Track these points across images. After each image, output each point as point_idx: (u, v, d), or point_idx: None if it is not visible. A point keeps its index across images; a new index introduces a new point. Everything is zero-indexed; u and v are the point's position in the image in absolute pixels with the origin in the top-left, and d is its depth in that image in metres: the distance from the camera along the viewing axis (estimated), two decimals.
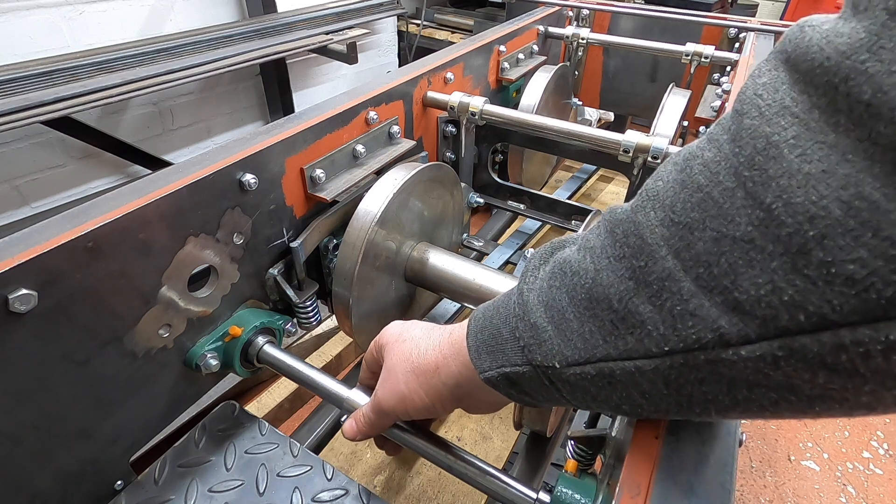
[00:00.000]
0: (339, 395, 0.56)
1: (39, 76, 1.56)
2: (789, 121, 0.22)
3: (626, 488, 0.35)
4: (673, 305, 0.25)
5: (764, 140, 0.23)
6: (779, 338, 0.22)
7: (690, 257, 0.24)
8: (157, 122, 2.16)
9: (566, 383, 0.31)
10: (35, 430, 0.48)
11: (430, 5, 3.24)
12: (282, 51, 2.05)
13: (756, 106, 0.24)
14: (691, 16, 1.34)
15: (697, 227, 0.24)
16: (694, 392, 0.26)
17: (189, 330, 0.60)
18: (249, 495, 0.56)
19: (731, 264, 0.23)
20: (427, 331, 0.44)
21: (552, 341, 0.30)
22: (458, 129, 0.96)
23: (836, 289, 0.20)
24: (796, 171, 0.21)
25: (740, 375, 0.24)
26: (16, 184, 1.84)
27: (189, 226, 0.56)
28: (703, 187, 0.25)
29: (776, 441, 1.75)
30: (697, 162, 0.26)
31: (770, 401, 0.24)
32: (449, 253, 0.77)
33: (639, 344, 0.27)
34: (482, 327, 0.37)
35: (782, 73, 0.24)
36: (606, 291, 0.28)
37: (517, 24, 1.24)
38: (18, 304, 0.42)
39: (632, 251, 0.27)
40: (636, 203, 0.28)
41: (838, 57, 0.21)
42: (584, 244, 0.31)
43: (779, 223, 0.21)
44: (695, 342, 0.24)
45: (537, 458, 0.70)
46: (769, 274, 0.22)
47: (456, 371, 0.39)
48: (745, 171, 0.23)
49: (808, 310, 0.21)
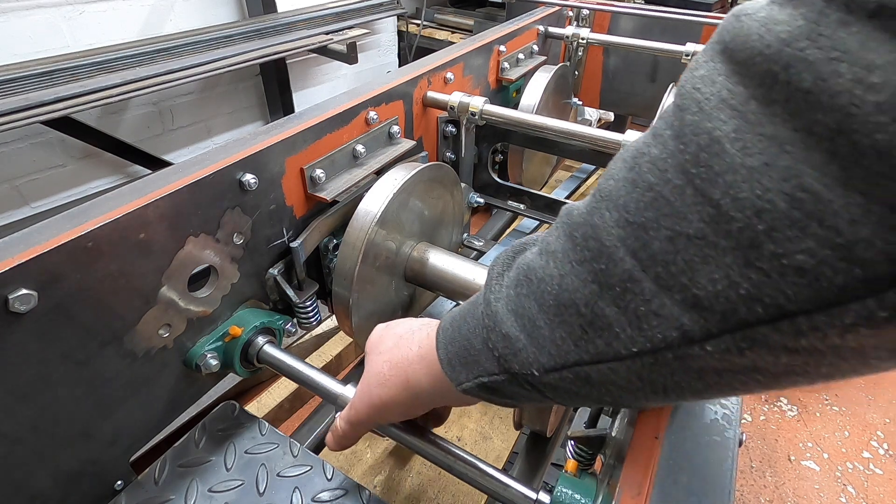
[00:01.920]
0: (333, 393, 0.56)
1: (39, 76, 1.56)
2: (728, 114, 0.22)
3: (626, 488, 0.35)
4: (637, 306, 0.25)
5: (706, 136, 0.22)
6: (740, 330, 0.22)
7: (648, 257, 0.24)
8: (157, 122, 2.16)
9: (547, 386, 0.31)
10: (35, 430, 0.48)
11: (430, 5, 3.24)
12: (282, 51, 2.05)
13: (695, 100, 0.24)
14: (691, 16, 1.34)
15: (652, 226, 0.24)
16: (667, 382, 0.27)
17: (189, 330, 0.60)
18: (249, 495, 0.56)
19: (688, 262, 0.23)
20: (396, 342, 0.44)
21: (527, 350, 0.30)
22: (458, 129, 0.96)
23: (788, 279, 0.20)
24: (739, 166, 0.21)
25: (708, 365, 0.25)
26: (16, 184, 1.84)
27: (189, 226, 0.56)
28: (653, 186, 0.25)
29: (776, 441, 1.75)
30: (645, 160, 0.26)
31: (739, 381, 0.25)
32: (449, 253, 0.77)
33: (608, 347, 0.27)
34: (451, 339, 0.36)
35: (719, 65, 0.24)
36: (573, 296, 0.28)
37: (517, 24, 1.24)
38: (18, 304, 0.42)
39: (592, 254, 0.27)
40: (591, 205, 0.28)
41: (779, 45, 0.20)
42: (545, 248, 0.31)
43: (728, 219, 0.22)
44: (661, 341, 0.25)
45: (537, 458, 0.70)
46: (724, 269, 0.22)
47: (427, 384, 0.39)
48: (692, 168, 0.23)
49: (765, 301, 0.21)
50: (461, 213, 0.90)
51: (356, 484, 0.57)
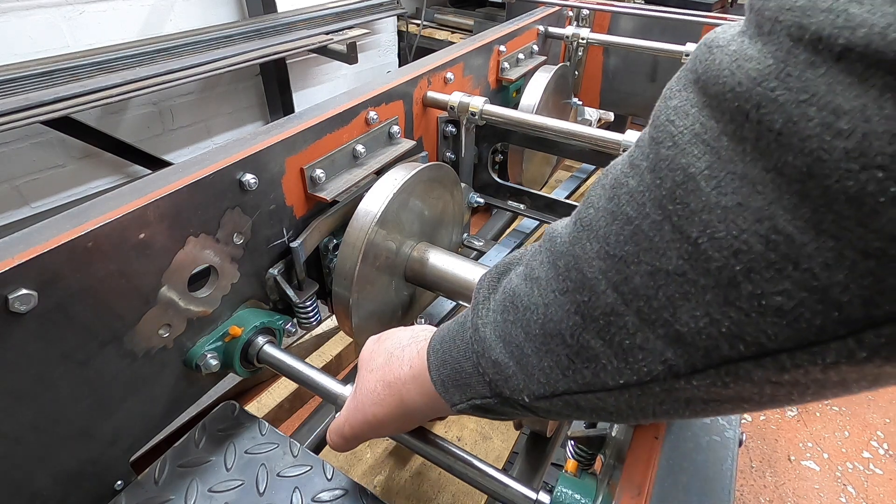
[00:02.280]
0: (333, 393, 0.56)
1: (39, 76, 1.56)
2: (701, 149, 0.22)
3: (626, 488, 0.35)
4: (621, 339, 0.25)
5: (682, 172, 0.22)
6: (724, 365, 0.22)
7: (629, 291, 0.24)
8: (157, 122, 2.16)
9: (539, 409, 0.31)
10: (35, 430, 0.48)
11: (430, 5, 3.24)
12: (282, 51, 2.05)
13: (669, 133, 0.23)
14: (691, 16, 1.34)
15: (633, 260, 0.24)
16: (656, 409, 0.27)
17: (189, 330, 0.60)
18: (249, 495, 0.56)
19: (669, 297, 0.23)
20: (388, 359, 0.44)
21: (517, 377, 0.31)
22: (458, 129, 0.96)
23: (768, 319, 0.20)
24: (714, 205, 0.21)
25: (695, 396, 0.25)
26: (16, 184, 1.84)
27: (189, 226, 0.56)
28: (632, 219, 0.24)
29: (776, 441, 1.75)
30: (624, 191, 0.25)
31: (726, 409, 0.26)
32: (449, 253, 0.77)
33: (595, 378, 0.27)
34: (443, 361, 0.37)
35: (692, 95, 0.23)
36: (558, 327, 0.28)
37: (517, 24, 1.24)
38: (18, 304, 0.42)
39: (574, 285, 0.27)
40: (574, 233, 0.28)
41: (749, 83, 0.20)
42: (530, 274, 0.31)
43: (707, 257, 0.22)
44: (647, 374, 0.25)
45: (537, 458, 0.70)
46: (704, 307, 0.22)
47: (422, 403, 0.40)
48: (669, 205, 0.23)
49: (747, 340, 0.21)
50: (461, 213, 0.90)
51: (356, 484, 0.57)
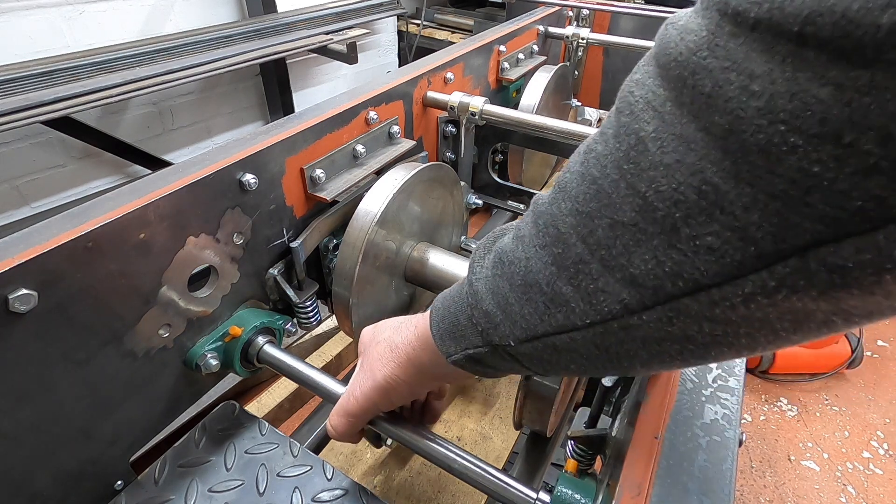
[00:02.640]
0: (334, 393, 0.56)
1: (39, 76, 1.56)
2: (651, 115, 0.25)
3: (626, 488, 0.36)
4: (587, 284, 0.29)
5: (635, 136, 0.26)
6: (668, 302, 0.26)
7: (594, 242, 0.28)
8: (157, 122, 2.16)
9: (522, 355, 0.35)
10: (35, 430, 0.48)
11: (430, 5, 3.24)
12: (282, 51, 2.05)
13: (629, 103, 0.27)
14: None
15: (596, 215, 0.28)
16: (619, 350, 0.30)
17: (189, 330, 0.60)
18: (249, 495, 0.56)
19: (625, 245, 0.27)
20: (396, 330, 0.48)
21: (503, 324, 0.35)
22: (458, 129, 0.96)
23: (701, 257, 0.24)
24: (658, 163, 0.25)
25: (648, 334, 0.28)
26: (16, 184, 1.84)
27: (189, 226, 0.56)
28: (596, 179, 0.28)
29: (776, 441, 1.75)
30: (592, 156, 0.29)
31: (676, 350, 0.29)
32: (449, 253, 0.77)
33: (567, 320, 0.31)
34: (442, 317, 0.41)
35: (650, 68, 0.26)
36: (536, 277, 0.32)
37: (517, 24, 1.24)
38: (18, 304, 0.42)
39: (551, 240, 0.31)
40: (553, 195, 0.32)
41: (688, 53, 0.23)
42: (517, 234, 0.35)
43: (653, 208, 0.25)
44: (608, 313, 0.29)
45: (537, 458, 0.70)
46: (652, 251, 0.26)
47: (427, 359, 0.43)
48: (624, 165, 0.26)
49: (685, 277, 0.25)
50: (461, 213, 0.91)
51: (356, 484, 0.57)
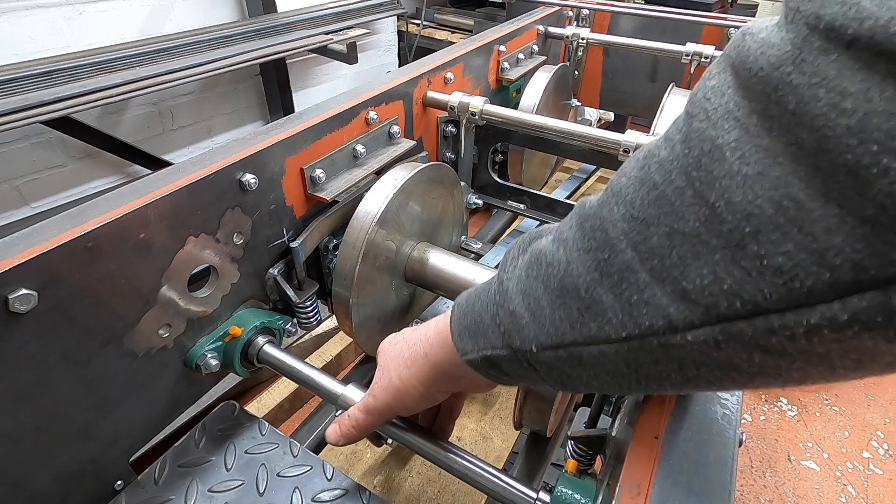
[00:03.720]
0: (334, 393, 0.56)
1: (39, 76, 1.56)
2: (732, 124, 0.24)
3: (626, 488, 0.35)
4: (630, 294, 0.27)
5: (710, 143, 0.24)
6: (719, 323, 0.24)
7: (646, 250, 0.27)
8: (157, 122, 2.16)
9: (542, 364, 0.33)
10: (35, 430, 0.48)
11: (430, 5, 3.24)
12: (282, 51, 2.05)
13: (704, 109, 0.25)
14: (691, 16, 1.34)
15: (653, 222, 0.26)
16: (650, 371, 0.29)
17: (189, 330, 0.60)
18: (249, 495, 0.56)
19: (681, 257, 0.25)
20: (415, 329, 0.47)
21: (528, 327, 0.33)
22: (458, 129, 0.96)
23: (767, 279, 0.22)
24: (736, 173, 0.23)
25: (688, 356, 0.27)
26: (16, 184, 1.84)
27: (189, 226, 0.56)
28: (658, 185, 0.27)
29: (776, 441, 1.75)
30: (654, 160, 0.28)
31: (715, 377, 0.27)
32: (449, 253, 0.77)
33: (601, 330, 0.29)
34: (465, 313, 0.39)
35: (728, 77, 0.25)
36: (576, 281, 0.30)
37: (517, 24, 1.24)
38: (18, 304, 0.42)
39: (597, 244, 0.29)
40: (603, 198, 0.30)
41: (769, 68, 0.22)
42: (559, 236, 0.33)
43: (721, 220, 0.24)
44: (648, 328, 0.27)
45: (537, 458, 0.70)
46: (712, 266, 0.24)
47: (443, 355, 0.42)
48: (694, 172, 0.25)
49: (744, 297, 0.23)
50: (461, 213, 0.91)
51: (356, 484, 0.57)
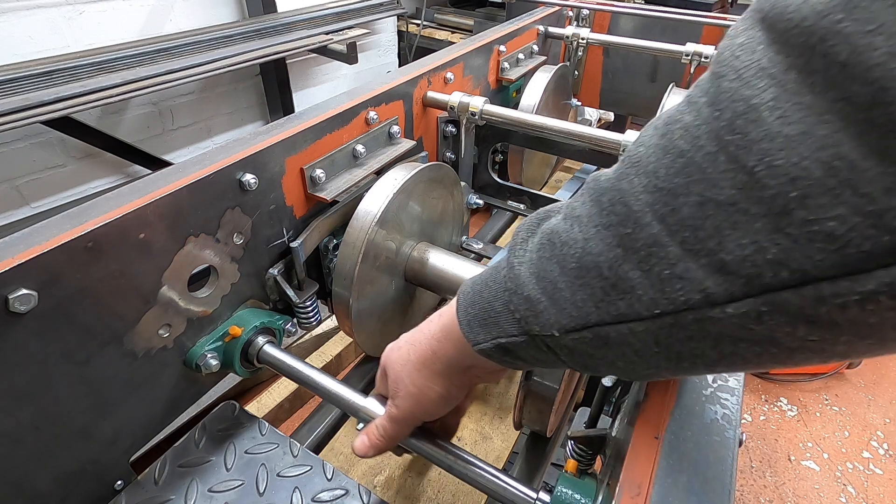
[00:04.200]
0: (334, 393, 0.56)
1: (39, 76, 1.56)
2: (767, 82, 0.22)
3: (626, 488, 0.35)
4: (661, 270, 0.26)
5: (743, 103, 0.23)
6: (763, 294, 0.23)
7: (676, 222, 0.25)
8: (157, 122, 2.16)
9: (564, 348, 0.32)
10: (35, 430, 0.48)
11: (430, 5, 3.24)
12: (282, 51, 2.04)
13: (733, 68, 0.24)
14: (691, 16, 1.34)
15: (682, 192, 0.25)
16: (682, 349, 0.27)
17: (189, 330, 0.60)
18: (249, 495, 0.56)
19: (717, 227, 0.23)
20: (416, 329, 0.44)
21: (548, 312, 0.31)
22: (458, 129, 0.96)
23: (817, 245, 0.21)
24: (776, 134, 0.21)
25: (726, 331, 0.25)
26: (16, 184, 1.84)
27: (189, 226, 0.56)
28: (685, 152, 0.25)
29: (776, 441, 1.75)
30: (678, 126, 0.26)
31: (754, 353, 0.26)
32: (449, 253, 0.77)
33: (630, 308, 0.27)
34: (472, 302, 0.37)
35: (759, 33, 0.23)
36: (596, 260, 0.28)
37: (517, 24, 1.24)
38: (18, 304, 0.42)
39: (618, 219, 0.27)
40: (620, 170, 0.28)
41: (815, 17, 0.20)
42: (570, 213, 0.31)
43: (762, 186, 0.22)
44: (683, 303, 0.25)
45: (537, 458, 0.70)
46: (753, 235, 0.22)
47: (453, 350, 0.40)
48: (727, 135, 0.23)
49: (791, 266, 0.22)
50: (461, 213, 0.91)
51: (356, 484, 0.57)
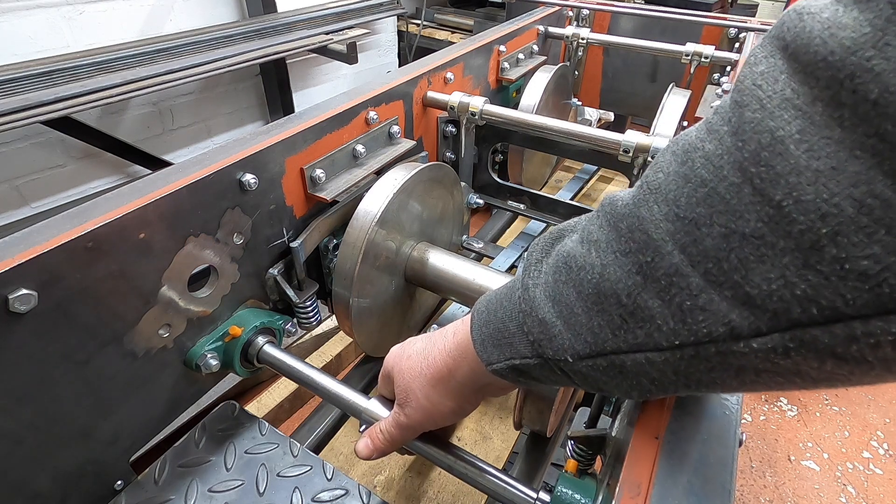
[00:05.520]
0: (334, 393, 0.56)
1: (39, 76, 1.56)
2: (792, 114, 0.22)
3: (626, 488, 0.35)
4: (682, 300, 0.25)
5: (769, 135, 0.22)
6: (790, 330, 0.22)
7: (698, 253, 0.24)
8: (157, 122, 2.16)
9: (578, 373, 0.31)
10: (35, 430, 0.48)
11: (430, 5, 3.24)
12: (282, 51, 2.05)
13: (756, 97, 0.23)
14: (691, 16, 1.34)
15: (704, 222, 0.24)
16: (703, 377, 0.27)
17: (189, 330, 0.60)
18: (249, 495, 0.56)
19: (742, 260, 0.23)
20: (428, 341, 0.44)
21: (562, 336, 0.31)
22: (458, 129, 0.96)
23: (849, 284, 0.20)
24: (805, 168, 0.21)
25: (749, 364, 0.25)
26: (16, 184, 1.84)
27: (189, 226, 0.56)
28: (707, 182, 0.24)
29: (776, 441, 1.75)
30: (699, 155, 0.25)
31: (777, 383, 0.25)
32: (449, 253, 0.77)
33: (648, 338, 0.27)
34: (486, 321, 0.37)
35: (780, 62, 0.23)
36: (614, 287, 0.28)
37: (517, 24, 1.24)
38: (18, 304, 0.42)
39: (637, 246, 0.27)
40: (638, 196, 0.28)
41: (843, 52, 0.20)
42: (587, 237, 0.31)
43: (790, 220, 0.21)
44: (705, 336, 0.25)
45: (537, 458, 0.70)
46: (780, 269, 0.22)
47: (468, 369, 0.40)
48: (752, 167, 0.23)
49: (821, 303, 0.21)
50: (461, 213, 0.91)
51: (356, 484, 0.57)
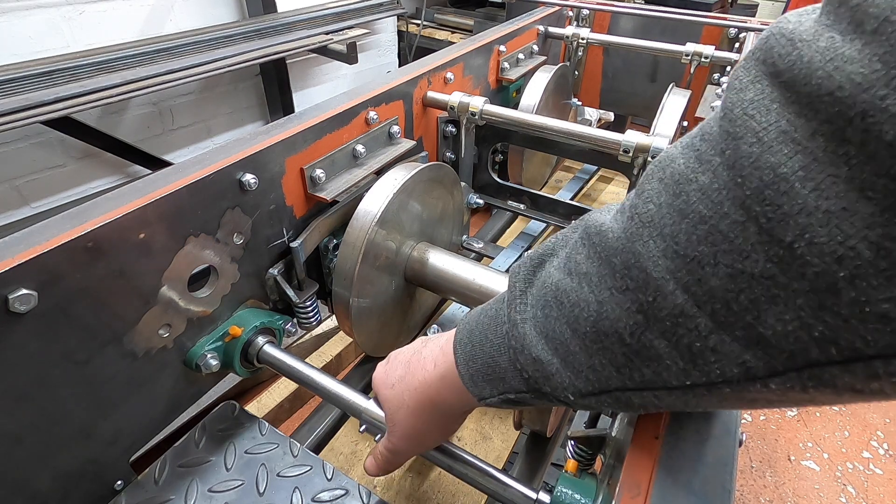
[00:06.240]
0: (333, 393, 0.57)
1: (39, 76, 1.56)
2: (792, 148, 0.21)
3: (626, 488, 0.35)
4: (691, 342, 0.24)
5: (770, 171, 0.21)
6: (808, 368, 0.22)
7: (704, 293, 0.23)
8: (157, 122, 2.16)
9: (579, 405, 0.31)
10: (35, 430, 0.48)
11: (430, 5, 3.24)
12: (282, 51, 2.05)
13: (751, 129, 0.22)
14: (691, 16, 1.34)
15: (708, 262, 0.23)
16: (711, 405, 0.27)
17: (189, 330, 0.60)
18: (249, 495, 0.56)
19: (753, 301, 0.22)
20: (407, 368, 0.43)
21: (560, 374, 0.30)
22: (458, 129, 0.96)
23: (870, 326, 0.20)
24: (814, 209, 0.20)
25: (763, 397, 0.24)
26: (16, 184, 1.84)
27: (189, 226, 0.56)
28: (706, 219, 0.23)
29: (776, 441, 1.75)
30: (693, 188, 0.24)
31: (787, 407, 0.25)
32: (449, 253, 0.77)
33: (657, 377, 0.26)
34: (472, 356, 0.36)
35: (769, 90, 0.22)
36: (615, 325, 0.27)
37: (517, 24, 1.24)
38: (18, 304, 0.42)
39: (636, 284, 0.26)
40: (630, 230, 0.26)
41: (853, 88, 0.19)
42: (574, 268, 0.29)
43: (803, 262, 0.20)
44: (719, 377, 0.24)
45: (537, 458, 0.70)
46: (795, 311, 0.21)
47: (455, 399, 0.39)
48: (755, 206, 0.21)
49: (840, 344, 0.21)
50: (461, 213, 0.91)
51: (356, 484, 0.57)
